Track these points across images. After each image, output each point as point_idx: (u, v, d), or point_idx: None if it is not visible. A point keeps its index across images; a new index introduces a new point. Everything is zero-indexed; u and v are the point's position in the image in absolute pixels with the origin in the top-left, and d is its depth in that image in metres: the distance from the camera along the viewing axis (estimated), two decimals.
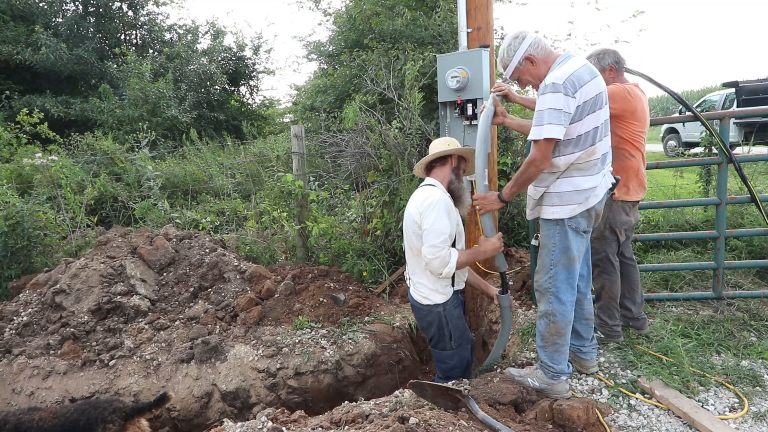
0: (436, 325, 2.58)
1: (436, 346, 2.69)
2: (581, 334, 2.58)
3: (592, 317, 2.58)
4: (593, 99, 2.15)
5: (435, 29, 6.21)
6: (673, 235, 3.74)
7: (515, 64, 2.29)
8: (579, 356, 2.63)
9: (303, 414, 2.41)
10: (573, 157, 2.19)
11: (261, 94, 20.50)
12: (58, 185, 5.41)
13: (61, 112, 11.63)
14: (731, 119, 3.08)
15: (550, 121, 2.07)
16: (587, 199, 2.23)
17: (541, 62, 2.26)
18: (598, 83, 2.18)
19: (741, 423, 2.22)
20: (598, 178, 2.24)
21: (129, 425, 2.47)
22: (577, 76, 2.12)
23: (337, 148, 4.84)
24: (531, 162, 2.16)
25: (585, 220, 2.27)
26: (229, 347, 3.29)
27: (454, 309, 2.58)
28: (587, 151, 2.19)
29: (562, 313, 2.33)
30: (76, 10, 14.20)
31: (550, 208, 2.30)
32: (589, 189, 2.22)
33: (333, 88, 7.80)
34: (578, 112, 2.13)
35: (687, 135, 11.87)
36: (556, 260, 2.32)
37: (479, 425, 2.10)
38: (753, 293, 3.29)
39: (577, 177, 2.23)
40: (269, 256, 4.84)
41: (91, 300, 3.65)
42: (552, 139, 2.08)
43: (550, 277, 2.34)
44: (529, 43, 2.25)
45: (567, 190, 2.24)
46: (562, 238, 2.29)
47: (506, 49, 2.32)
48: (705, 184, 4.74)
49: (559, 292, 2.33)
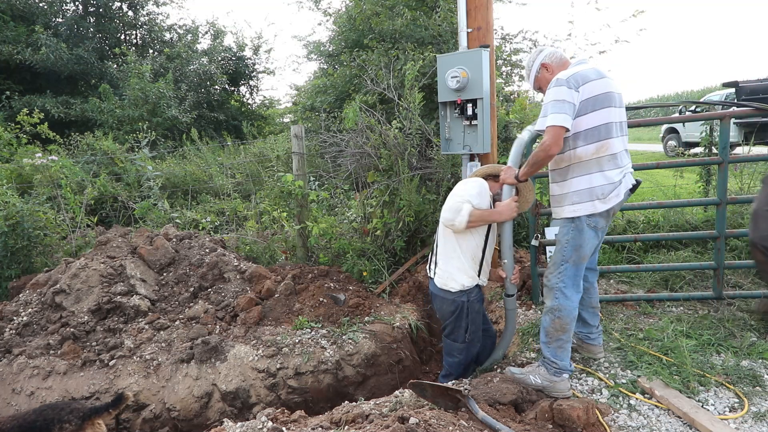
0: (456, 314, 2.66)
1: (449, 336, 2.77)
2: (588, 321, 2.72)
3: (599, 305, 2.75)
4: (601, 96, 2.27)
5: (435, 29, 6.22)
6: (673, 235, 3.74)
7: (534, 73, 2.53)
8: (587, 342, 2.77)
9: (303, 414, 2.41)
10: (583, 150, 2.31)
11: (261, 94, 20.55)
12: (58, 185, 5.41)
13: (61, 112, 11.63)
14: (731, 119, 3.08)
15: (554, 111, 2.21)
16: (607, 197, 2.31)
17: (556, 69, 2.46)
18: (607, 83, 2.30)
19: (741, 423, 2.21)
20: (615, 175, 2.31)
21: (87, 425, 2.50)
22: (582, 74, 2.27)
23: (337, 148, 4.84)
24: (541, 147, 2.28)
25: (604, 219, 2.37)
26: (229, 347, 3.29)
27: (476, 303, 2.67)
28: (598, 145, 2.29)
29: (567, 309, 2.40)
30: (76, 10, 14.20)
31: (570, 206, 2.39)
32: (606, 185, 2.30)
33: (333, 88, 7.81)
34: (584, 106, 2.26)
35: (687, 135, 11.87)
36: (567, 256, 2.41)
37: (479, 425, 2.10)
38: (753, 293, 3.29)
39: (595, 174, 2.32)
40: (269, 256, 4.84)
41: (91, 300, 3.65)
42: (558, 126, 2.20)
43: (560, 273, 2.43)
44: (546, 54, 2.50)
45: (585, 188, 2.34)
46: (576, 236, 2.38)
47: (528, 61, 2.58)
48: (705, 184, 4.74)
49: (566, 288, 2.42)
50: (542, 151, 2.26)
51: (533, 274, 3.55)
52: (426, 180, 4.45)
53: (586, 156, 2.31)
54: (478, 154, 3.60)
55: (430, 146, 4.55)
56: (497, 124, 3.84)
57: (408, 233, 4.42)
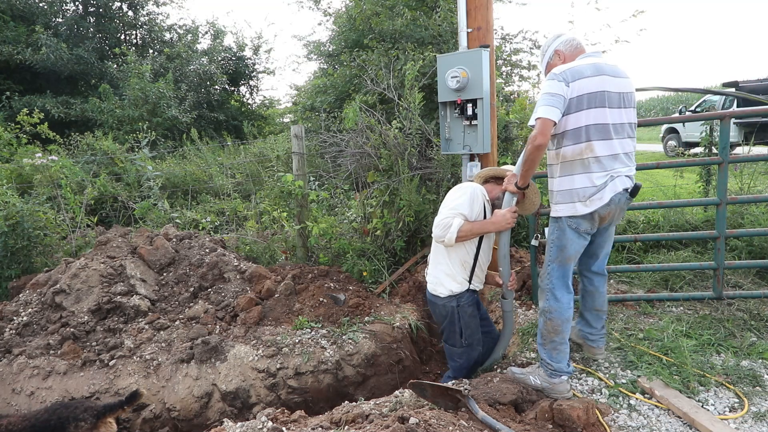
0: (449, 319, 2.65)
1: (447, 341, 2.78)
2: (591, 323, 2.67)
3: (604, 309, 2.65)
4: (591, 95, 2.17)
5: (435, 29, 6.22)
6: (673, 235, 3.74)
7: (547, 58, 2.47)
8: (588, 343, 2.72)
9: (303, 414, 2.41)
10: (569, 150, 2.26)
11: (261, 94, 20.51)
12: (58, 185, 5.40)
13: (62, 113, 11.63)
14: (731, 119, 3.08)
15: (543, 103, 2.18)
16: (588, 199, 2.24)
17: (567, 58, 2.41)
18: (603, 81, 2.19)
19: (741, 423, 2.21)
20: (597, 178, 2.23)
21: (100, 424, 2.49)
22: (577, 69, 2.19)
23: (337, 148, 4.84)
24: (529, 140, 2.24)
25: (587, 222, 2.30)
26: (229, 347, 3.29)
27: (468, 307, 2.64)
28: (582, 146, 2.22)
29: (558, 311, 2.37)
30: (76, 10, 14.21)
31: (554, 205, 2.38)
32: (589, 188, 2.24)
33: (333, 88, 7.81)
34: (573, 104, 2.18)
35: (687, 135, 11.87)
36: (552, 257, 2.40)
37: (479, 425, 2.10)
38: (753, 293, 3.29)
39: (578, 175, 2.26)
40: (269, 256, 4.84)
41: (91, 300, 3.65)
42: (545, 118, 2.15)
43: (548, 274, 2.42)
44: (562, 40, 2.43)
45: (566, 188, 2.31)
46: (559, 236, 2.36)
47: (544, 45, 2.51)
48: (705, 184, 4.74)
49: (555, 289, 2.39)
50: (530, 144, 2.21)
51: (533, 274, 3.55)
52: (426, 180, 4.45)
53: (570, 156, 2.25)
54: (478, 154, 3.60)
55: (430, 146, 4.55)
56: (497, 124, 3.84)
57: (408, 233, 4.42)
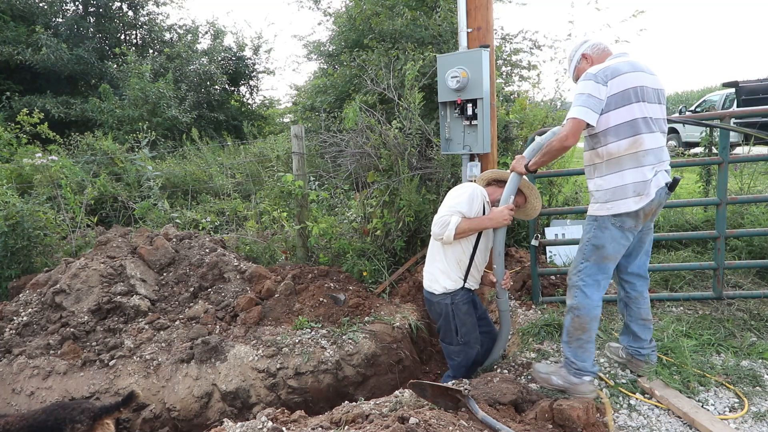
0: (444, 317, 2.66)
1: (443, 340, 2.78)
2: (639, 335, 2.55)
3: (650, 318, 2.56)
4: (632, 90, 2.19)
5: (435, 29, 6.21)
6: (673, 235, 3.74)
7: (575, 63, 2.49)
8: (638, 359, 2.59)
9: (303, 414, 2.40)
10: (615, 146, 2.23)
11: (261, 94, 20.50)
12: (58, 185, 5.40)
13: (62, 113, 11.63)
14: (731, 119, 3.08)
15: (578, 103, 2.18)
16: (640, 194, 2.22)
17: (595, 60, 2.41)
18: (640, 77, 2.22)
19: (741, 423, 2.21)
20: (646, 172, 2.22)
21: (97, 426, 2.47)
22: (613, 68, 2.20)
23: (337, 148, 4.84)
24: (557, 137, 2.25)
25: (632, 219, 2.27)
26: (229, 347, 3.29)
27: (463, 304, 2.64)
28: (630, 141, 2.21)
29: (587, 308, 2.34)
30: (76, 10, 14.21)
31: (598, 204, 2.34)
32: (640, 182, 2.21)
33: (333, 88, 7.81)
34: (614, 101, 2.19)
35: (687, 135, 11.86)
36: (586, 255, 2.36)
37: (479, 425, 2.10)
38: (753, 293, 3.29)
39: (627, 170, 2.24)
40: (269, 256, 4.84)
41: (91, 300, 3.65)
42: (578, 119, 2.16)
43: (579, 272, 2.38)
44: (589, 45, 2.46)
45: (615, 185, 2.26)
46: (596, 234, 2.32)
47: (570, 51, 2.54)
48: (705, 184, 4.74)
49: (586, 286, 2.35)
50: (558, 141, 2.23)
51: (533, 274, 3.54)
52: (426, 180, 4.45)
53: (618, 152, 2.23)
54: (478, 154, 3.60)
55: (430, 146, 4.55)
56: (497, 124, 3.84)
57: (408, 233, 4.42)
